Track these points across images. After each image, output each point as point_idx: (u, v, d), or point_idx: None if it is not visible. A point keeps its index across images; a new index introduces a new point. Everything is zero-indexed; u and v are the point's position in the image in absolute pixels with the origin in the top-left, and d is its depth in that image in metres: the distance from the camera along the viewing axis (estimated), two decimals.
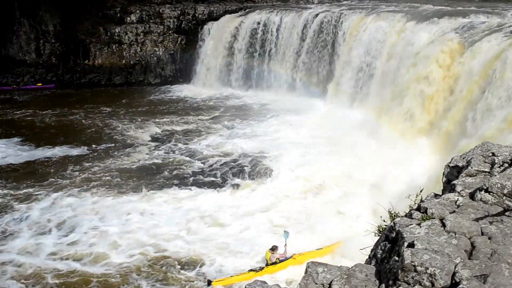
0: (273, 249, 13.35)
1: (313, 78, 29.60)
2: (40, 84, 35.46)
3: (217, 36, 34.05)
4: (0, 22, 37.41)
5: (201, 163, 20.85)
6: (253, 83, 32.55)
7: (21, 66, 37.37)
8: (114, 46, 35.35)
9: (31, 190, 18.04)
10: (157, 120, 26.81)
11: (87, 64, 35.85)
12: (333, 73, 28.37)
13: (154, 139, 23.96)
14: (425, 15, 25.06)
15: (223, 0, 38.86)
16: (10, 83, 35.46)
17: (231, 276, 12.87)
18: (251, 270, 13.13)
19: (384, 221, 5.98)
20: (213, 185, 18.67)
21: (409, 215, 4.49)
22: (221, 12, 35.73)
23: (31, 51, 37.24)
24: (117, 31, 35.26)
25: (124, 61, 35.55)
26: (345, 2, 37.12)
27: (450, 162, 5.71)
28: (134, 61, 35.58)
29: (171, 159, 21.30)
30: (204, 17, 35.49)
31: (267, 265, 13.26)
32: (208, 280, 12.67)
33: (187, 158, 21.33)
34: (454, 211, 4.28)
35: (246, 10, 35.07)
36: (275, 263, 13.20)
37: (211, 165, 20.57)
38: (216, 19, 35.12)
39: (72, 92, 34.06)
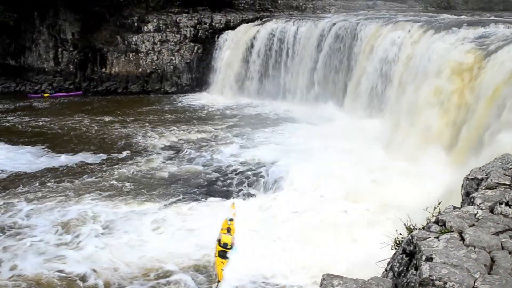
0: (229, 230, 14.20)
1: (329, 88, 29.51)
2: (64, 91, 36.10)
3: (233, 45, 34.26)
4: (20, 31, 38.27)
5: (216, 172, 20.77)
6: (269, 92, 32.58)
7: (40, 74, 38.09)
8: (131, 55, 35.77)
9: (44, 197, 18.19)
10: (172, 128, 26.92)
11: (104, 72, 36.35)
12: (350, 83, 28.26)
13: (169, 147, 24.00)
14: (443, 24, 24.83)
15: (240, 9, 39.20)
16: (39, 91, 36.19)
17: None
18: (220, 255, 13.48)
19: (401, 234, 5.89)
20: (227, 195, 18.56)
21: (427, 228, 4.39)
22: (238, 21, 35.97)
23: (49, 59, 37.93)
24: (134, 39, 35.69)
25: (140, 69, 35.93)
26: (362, 12, 37.15)
27: (469, 174, 5.60)
28: (150, 69, 35.92)
29: (185, 168, 21.25)
30: (220, 26, 35.75)
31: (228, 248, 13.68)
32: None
33: (201, 168, 21.27)
34: (473, 225, 4.18)
35: (263, 20, 35.26)
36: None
37: (226, 175, 20.48)
38: (232, 28, 35.36)
39: (89, 100, 34.50)
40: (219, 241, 13.88)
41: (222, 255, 13.51)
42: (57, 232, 15.61)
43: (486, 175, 5.31)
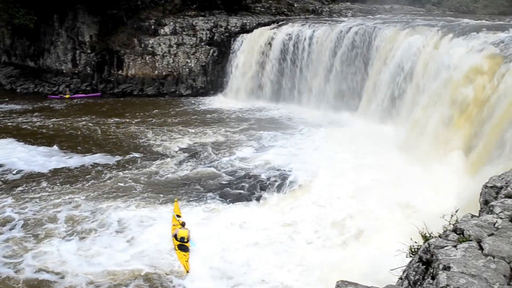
0: (183, 224, 14.76)
1: (345, 92, 29.35)
2: (81, 93, 36.55)
3: (249, 49, 34.29)
4: (39, 33, 38.90)
5: (229, 175, 20.76)
6: (283, 96, 32.54)
7: (58, 76, 38.64)
8: (147, 57, 36.04)
9: (57, 197, 18.37)
10: (187, 131, 27.02)
11: (121, 75, 36.68)
12: (365, 87, 28.07)
13: (184, 150, 24.07)
14: (462, 29, 24.54)
15: (256, 12, 39.25)
16: (57, 92, 36.79)
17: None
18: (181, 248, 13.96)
19: (416, 242, 5.78)
20: (240, 199, 18.52)
21: (444, 236, 4.29)
22: (254, 24, 35.98)
23: (67, 61, 38.44)
24: (150, 42, 35.96)
25: (156, 72, 36.17)
26: (379, 16, 36.91)
27: (488, 182, 5.47)
28: (166, 72, 36.13)
29: (199, 171, 21.30)
30: (236, 29, 35.79)
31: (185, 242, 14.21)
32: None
33: (215, 170, 21.28)
34: (492, 234, 4.07)
35: (279, 23, 35.22)
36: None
37: (239, 178, 20.46)
38: (248, 31, 35.38)
39: (105, 102, 34.85)
40: (175, 236, 14.35)
41: (182, 248, 14.02)
42: (68, 232, 15.76)
43: (506, 183, 5.19)
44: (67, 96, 35.87)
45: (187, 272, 13.25)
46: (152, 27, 36.29)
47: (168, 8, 37.26)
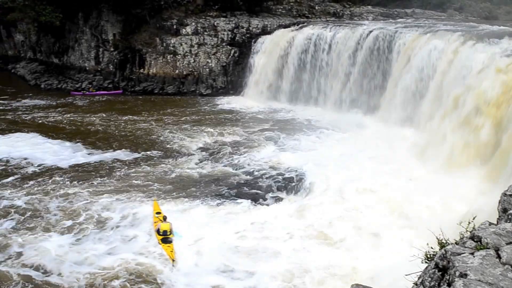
0: (165, 218, 15.21)
1: (364, 96, 29.24)
2: (103, 89, 37.09)
3: (269, 50, 34.38)
4: (64, 31, 39.63)
5: (247, 175, 20.95)
6: (302, 98, 32.54)
7: (81, 73, 39.31)
8: (168, 57, 36.40)
9: (75, 192, 18.80)
10: (206, 130, 27.24)
11: (142, 73, 37.13)
12: (384, 91, 27.93)
13: (202, 149, 24.32)
14: (484, 35, 24.29)
15: (277, 14, 39.35)
16: (79, 88, 37.41)
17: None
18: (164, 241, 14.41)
19: (432, 248, 5.81)
20: (256, 198, 18.67)
21: (461, 243, 4.34)
22: (275, 26, 36.06)
23: (91, 58, 39.10)
24: (172, 42, 36.32)
25: (177, 71, 36.51)
26: (400, 20, 36.65)
27: (507, 190, 5.51)
28: (187, 71, 36.44)
29: (217, 170, 21.51)
30: (257, 31, 35.92)
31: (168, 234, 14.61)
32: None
33: (233, 170, 21.49)
34: (510, 242, 4.11)
35: (300, 25, 35.22)
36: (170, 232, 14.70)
37: (256, 178, 20.62)
38: (269, 33, 35.49)
39: (126, 99, 35.34)
40: (158, 230, 14.80)
41: (165, 241, 14.51)
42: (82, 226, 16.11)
43: None
44: (93, 90, 36.38)
45: (173, 260, 13.78)
46: (174, 26, 36.65)
47: (190, 8, 37.58)
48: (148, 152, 23.74)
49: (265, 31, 35.82)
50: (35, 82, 40.17)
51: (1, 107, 32.67)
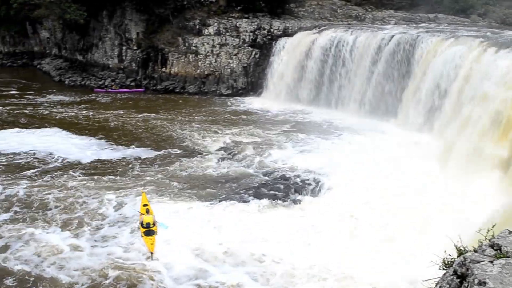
0: (148, 211, 15.61)
1: (384, 100, 29.16)
2: (125, 87, 37.70)
3: (290, 52, 34.51)
4: (89, 29, 40.37)
5: (265, 176, 21.12)
6: (322, 100, 32.60)
7: (104, 70, 40.02)
8: (190, 56, 36.83)
9: (88, 186, 19.26)
10: (226, 130, 27.55)
11: (164, 72, 37.64)
12: (405, 96, 27.84)
13: (221, 148, 24.58)
14: (507, 41, 24.07)
15: (299, 17, 39.46)
16: (103, 86, 38.07)
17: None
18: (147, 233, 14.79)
19: (450, 255, 5.88)
20: (274, 200, 18.82)
21: (480, 251, 4.40)
22: (296, 28, 36.19)
23: (114, 56, 39.76)
24: (194, 42, 36.73)
25: (198, 71, 36.91)
26: (423, 25, 36.43)
27: None
28: (208, 71, 36.82)
29: (236, 170, 21.74)
30: (279, 32, 36.09)
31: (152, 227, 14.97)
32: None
33: (251, 171, 21.69)
34: None
35: (321, 28, 35.27)
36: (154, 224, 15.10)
37: (275, 179, 20.78)
38: (290, 35, 35.62)
39: (147, 98, 35.88)
40: (141, 223, 15.19)
41: (148, 233, 14.91)
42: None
43: None
44: (115, 88, 36.97)
45: (151, 253, 14.30)
46: (197, 27, 37.05)
47: (213, 9, 37.93)
48: (169, 150, 24.12)
49: (286, 33, 35.96)
50: (59, 78, 41.05)
51: (27, 102, 33.53)
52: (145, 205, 16.60)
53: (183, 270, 13.91)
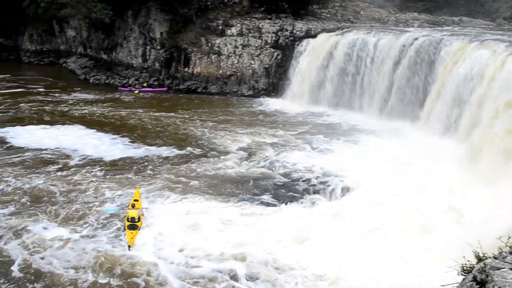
0: (133, 206, 16.16)
1: (405, 103, 28.91)
2: (148, 86, 38.22)
3: (312, 54, 34.50)
4: (114, 28, 41.05)
5: (284, 177, 21.16)
6: (343, 102, 32.51)
7: (128, 69, 40.65)
8: (213, 56, 37.15)
9: (117, 186, 19.56)
10: (246, 130, 27.73)
11: (187, 72, 38.04)
12: (427, 99, 27.56)
13: (241, 148, 24.74)
14: None
15: (322, 18, 39.42)
16: (126, 84, 38.81)
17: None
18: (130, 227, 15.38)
19: (469, 261, 5.89)
20: (293, 201, 18.88)
21: (501, 258, 4.45)
22: (319, 30, 36.17)
23: (138, 56, 40.34)
24: (217, 42, 37.03)
25: (221, 71, 37.20)
26: (447, 28, 36.04)
27: None
28: (230, 72, 37.08)
29: (255, 170, 21.86)
30: (301, 34, 36.12)
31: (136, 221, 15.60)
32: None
33: (270, 171, 21.75)
34: None
35: (343, 30, 35.19)
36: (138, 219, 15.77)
37: (293, 180, 20.82)
38: (313, 36, 35.62)
39: (170, 97, 36.33)
40: (127, 217, 15.75)
41: (131, 227, 15.48)
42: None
43: None
44: (136, 92, 37.49)
45: (129, 246, 14.70)
46: (220, 27, 37.34)
47: (236, 9, 38.18)
48: (189, 149, 24.41)
49: (309, 35, 35.97)
50: (84, 76, 41.84)
51: (52, 99, 34.29)
52: (135, 200, 17.09)
53: (192, 269, 14.05)
